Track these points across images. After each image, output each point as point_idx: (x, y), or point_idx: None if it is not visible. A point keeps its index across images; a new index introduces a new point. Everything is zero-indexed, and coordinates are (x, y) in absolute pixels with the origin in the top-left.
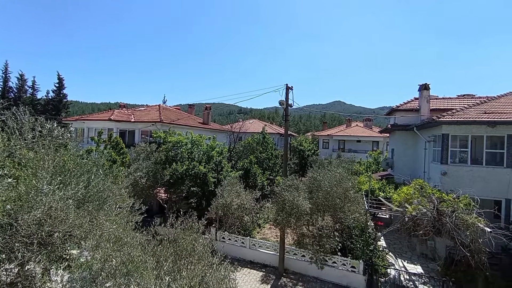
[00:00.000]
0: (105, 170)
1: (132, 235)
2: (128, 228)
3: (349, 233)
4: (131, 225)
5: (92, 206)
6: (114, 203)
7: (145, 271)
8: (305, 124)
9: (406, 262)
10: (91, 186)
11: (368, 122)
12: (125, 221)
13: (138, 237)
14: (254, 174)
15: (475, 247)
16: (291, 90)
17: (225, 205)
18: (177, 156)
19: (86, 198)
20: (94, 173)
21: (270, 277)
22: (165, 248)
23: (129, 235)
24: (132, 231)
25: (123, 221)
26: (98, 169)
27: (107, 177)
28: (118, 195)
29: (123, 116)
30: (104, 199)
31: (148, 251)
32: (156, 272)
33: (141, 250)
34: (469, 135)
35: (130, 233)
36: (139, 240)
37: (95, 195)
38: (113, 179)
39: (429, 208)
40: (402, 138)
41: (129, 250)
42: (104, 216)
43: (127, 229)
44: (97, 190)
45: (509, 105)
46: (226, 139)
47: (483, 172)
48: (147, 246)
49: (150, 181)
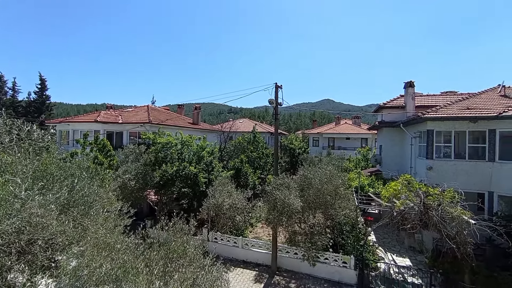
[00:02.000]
0: (91, 173)
1: (120, 239)
2: (117, 232)
3: (340, 229)
4: (120, 229)
5: (77, 211)
6: (101, 207)
7: (135, 276)
8: (295, 123)
9: (395, 256)
10: (76, 190)
11: (357, 120)
12: (113, 225)
13: (127, 241)
14: (246, 173)
15: (461, 239)
16: (281, 89)
17: (216, 205)
18: (167, 157)
19: (70, 203)
20: (78, 176)
21: (263, 276)
22: (155, 251)
23: (117, 240)
24: (120, 235)
25: (111, 225)
26: (83, 172)
27: (93, 180)
28: (106, 199)
29: (110, 117)
30: (90, 203)
31: (138, 255)
32: (146, 277)
33: (130, 254)
34: (453, 131)
35: (119, 237)
36: (128, 244)
37: (80, 199)
38: (100, 182)
39: (416, 202)
40: (390, 134)
41: (117, 255)
42: (90, 221)
43: (116, 234)
44: (82, 194)
45: (490, 101)
46: (216, 139)
47: (466, 166)
48: (136, 250)
49: (139, 183)
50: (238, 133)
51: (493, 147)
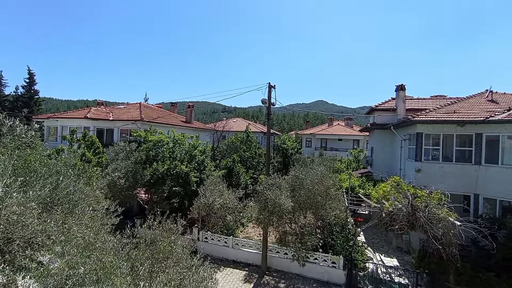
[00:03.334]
0: (78, 171)
1: (105, 239)
2: (103, 231)
3: (330, 230)
4: (107, 228)
5: (61, 209)
6: (87, 205)
7: (117, 278)
8: (289, 123)
9: (383, 256)
10: (60, 188)
11: (349, 121)
12: (99, 224)
13: (112, 241)
14: (238, 173)
15: (447, 240)
16: (274, 89)
17: (207, 204)
18: (158, 156)
19: (54, 201)
20: (64, 174)
21: (253, 276)
22: (141, 251)
23: (100, 239)
24: (107, 235)
25: (97, 224)
26: (69, 169)
27: (80, 178)
28: (92, 197)
29: (100, 114)
30: (75, 201)
31: (123, 256)
32: (130, 278)
33: (114, 254)
34: (441, 134)
35: (104, 237)
36: (113, 244)
37: (64, 197)
38: (87, 180)
39: (404, 203)
40: (381, 136)
41: (101, 255)
42: (74, 220)
43: (102, 233)
44: (67, 192)
45: (477, 106)
46: (209, 138)
47: (453, 168)
48: (121, 250)
49: (129, 181)
50: (232, 133)
51: (479, 150)
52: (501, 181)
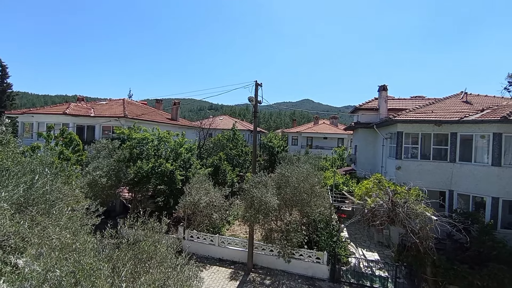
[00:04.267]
0: (55, 169)
1: (84, 240)
2: (83, 232)
3: (315, 226)
4: (87, 228)
5: (37, 210)
6: (65, 205)
7: (97, 280)
8: (276, 121)
9: (365, 250)
10: (36, 187)
11: (334, 120)
12: (78, 224)
13: (93, 242)
14: (224, 171)
15: (424, 234)
16: (261, 87)
17: (193, 203)
18: (142, 154)
19: (28, 201)
20: (39, 173)
21: (239, 274)
22: (123, 252)
23: (80, 240)
24: (87, 236)
25: (76, 225)
26: (45, 168)
27: (57, 177)
28: (71, 197)
29: (81, 110)
30: (52, 201)
31: (103, 257)
32: (111, 280)
33: (94, 256)
34: (420, 133)
35: (83, 237)
36: (93, 245)
37: (40, 197)
38: (65, 179)
39: (385, 200)
40: (364, 135)
41: (79, 257)
42: (51, 220)
43: (81, 234)
44: (43, 192)
45: (453, 106)
46: (195, 135)
47: (430, 166)
48: (102, 251)
49: (111, 180)
50: (218, 130)
51: (454, 149)
52: (474, 178)
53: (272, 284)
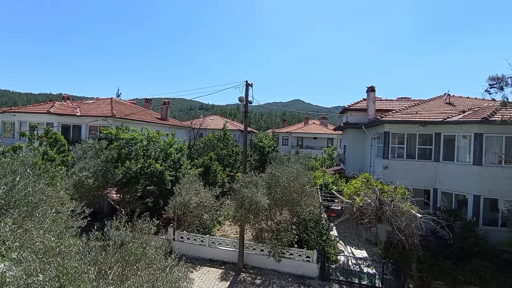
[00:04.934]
0: (38, 170)
1: (69, 243)
2: (68, 235)
3: (305, 226)
4: (72, 231)
5: (18, 212)
6: (49, 207)
7: (82, 284)
8: (266, 121)
9: (354, 248)
10: (17, 189)
11: (324, 120)
12: (63, 227)
13: (78, 245)
14: (215, 171)
15: (409, 231)
16: (251, 87)
17: (183, 203)
18: (131, 154)
19: (9, 203)
20: (21, 174)
21: (229, 274)
22: (109, 254)
23: (64, 244)
24: (72, 238)
25: (61, 227)
26: (27, 169)
27: (40, 178)
28: (56, 198)
29: (66, 109)
30: (35, 203)
31: (89, 260)
32: (96, 284)
33: (80, 259)
34: (405, 133)
35: (68, 240)
36: (78, 248)
37: (22, 199)
38: (50, 180)
39: (373, 198)
40: (353, 135)
41: (63, 260)
42: (34, 223)
43: (66, 237)
44: (25, 193)
45: (437, 108)
46: (186, 135)
47: (415, 165)
48: (88, 254)
49: (99, 181)
50: (209, 130)
51: (438, 148)
52: (457, 177)
53: (262, 284)
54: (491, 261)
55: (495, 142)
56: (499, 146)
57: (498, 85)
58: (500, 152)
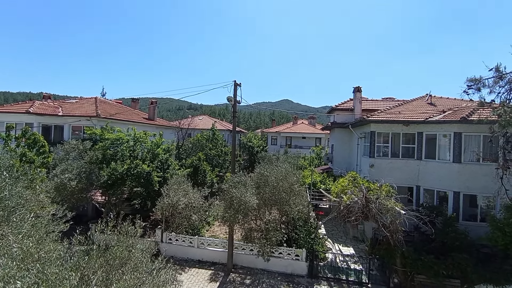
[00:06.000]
0: (16, 173)
1: (50, 248)
2: (48, 240)
3: (294, 225)
4: (54, 236)
5: None
6: (28, 211)
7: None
8: (255, 121)
9: (341, 246)
10: None
11: (312, 120)
12: (43, 232)
13: (59, 250)
14: (203, 171)
15: (394, 227)
16: (240, 87)
17: (171, 204)
18: (117, 155)
19: None
20: None
21: (219, 275)
22: (93, 259)
23: (45, 249)
24: (53, 243)
25: (41, 232)
26: (3, 171)
27: (18, 181)
28: (35, 202)
29: (47, 109)
30: (12, 207)
31: (71, 266)
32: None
33: (61, 265)
34: (390, 132)
35: (48, 246)
36: (59, 253)
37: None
38: (28, 183)
39: (360, 196)
40: (340, 135)
41: (43, 266)
42: (11, 228)
43: (47, 242)
44: (0, 197)
45: (420, 108)
46: (174, 135)
47: (399, 163)
48: (70, 259)
49: (82, 183)
50: (197, 130)
51: (420, 147)
52: (438, 174)
53: (252, 283)
54: (471, 255)
55: (473, 140)
56: (477, 144)
57: (476, 86)
58: (478, 150)
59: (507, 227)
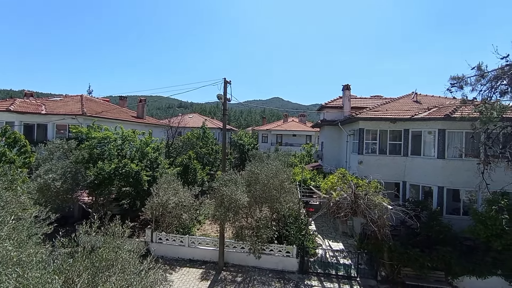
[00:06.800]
0: None
1: (32, 251)
2: (31, 243)
3: (284, 222)
4: (36, 238)
5: None
6: (8, 214)
7: None
8: (246, 119)
9: (331, 241)
10: None
11: (302, 118)
12: (25, 235)
13: (42, 253)
14: (194, 170)
15: (381, 222)
16: (230, 84)
17: (161, 204)
18: (104, 154)
19: None
20: None
21: (210, 273)
22: (78, 261)
23: (25, 252)
24: (36, 246)
25: (22, 235)
26: None
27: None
28: (16, 204)
29: (29, 107)
30: None
31: (54, 269)
32: None
33: (44, 268)
34: (378, 130)
35: (31, 249)
36: (42, 257)
37: None
38: (8, 184)
39: (349, 193)
40: (330, 132)
41: (24, 271)
42: None
43: (29, 245)
44: None
45: (406, 105)
46: (163, 134)
47: (387, 160)
48: (53, 262)
49: (67, 183)
50: (188, 129)
51: (407, 144)
52: (423, 170)
53: (243, 281)
54: (455, 248)
55: (456, 137)
56: (459, 141)
57: (459, 84)
58: (461, 147)
59: (489, 220)
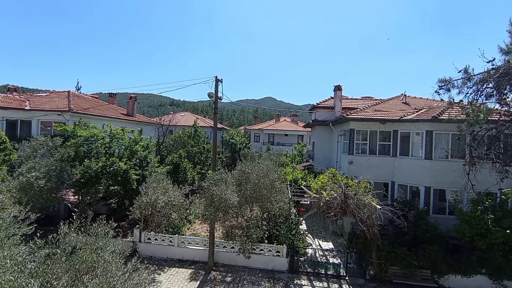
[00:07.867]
0: None
1: (7, 254)
2: (9, 244)
3: (275, 221)
4: (15, 239)
5: None
6: None
7: None
8: (239, 118)
9: (321, 241)
10: None
11: (295, 118)
12: (3, 235)
13: (18, 255)
14: (184, 169)
15: (370, 221)
16: (221, 83)
17: (150, 203)
18: (91, 152)
19: None
20: None
21: (199, 273)
22: (57, 264)
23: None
24: (14, 248)
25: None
26: None
27: None
28: None
29: (12, 102)
30: None
31: (30, 272)
32: None
33: (20, 271)
34: (368, 130)
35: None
36: (17, 259)
37: None
38: None
39: (339, 193)
40: (321, 132)
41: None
42: None
43: (7, 246)
44: None
45: (395, 106)
46: (154, 132)
47: (376, 160)
48: (29, 264)
49: (52, 182)
50: (179, 127)
51: (395, 144)
52: (411, 170)
53: (233, 281)
54: (441, 247)
55: (443, 138)
56: (446, 142)
57: (446, 87)
58: (447, 148)
59: (474, 220)
